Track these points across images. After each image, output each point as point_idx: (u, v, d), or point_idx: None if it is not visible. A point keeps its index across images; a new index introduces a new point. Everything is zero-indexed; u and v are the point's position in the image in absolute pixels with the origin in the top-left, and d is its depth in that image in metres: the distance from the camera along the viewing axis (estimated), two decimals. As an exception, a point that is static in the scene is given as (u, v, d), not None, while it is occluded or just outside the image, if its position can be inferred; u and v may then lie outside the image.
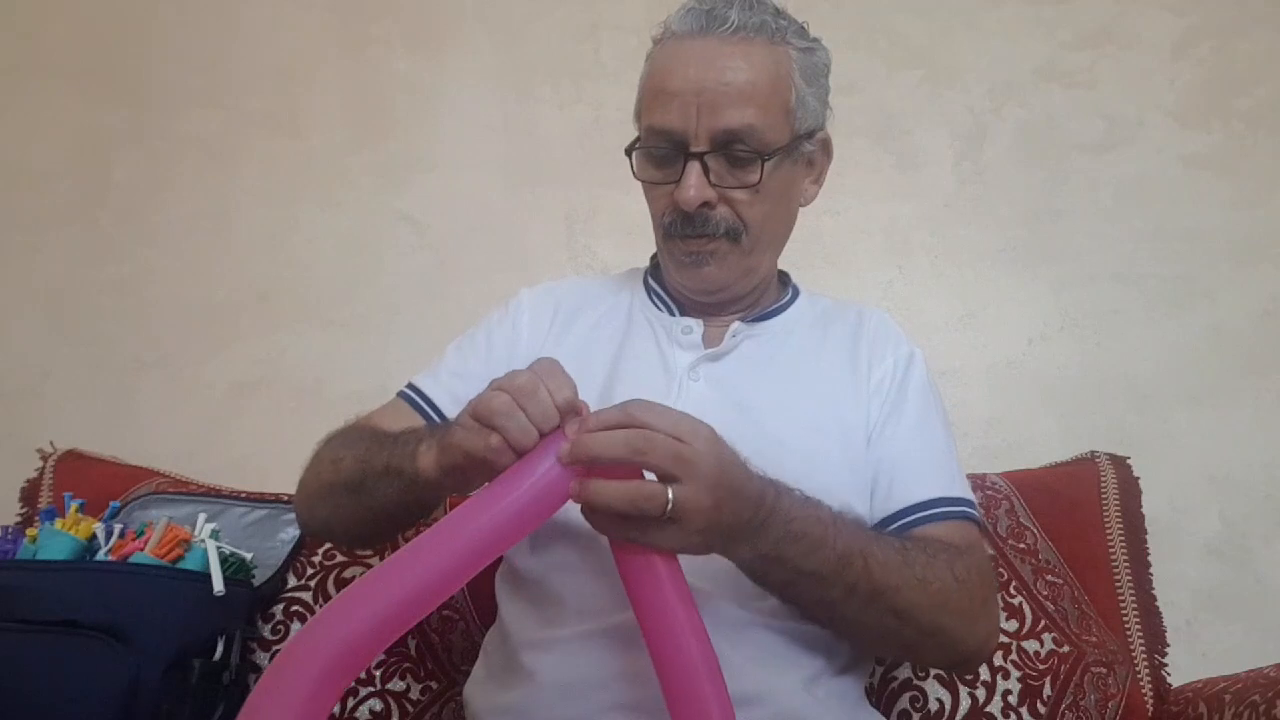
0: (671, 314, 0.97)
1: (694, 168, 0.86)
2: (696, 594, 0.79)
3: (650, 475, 0.66)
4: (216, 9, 1.67)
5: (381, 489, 0.80)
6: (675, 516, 0.64)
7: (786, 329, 0.97)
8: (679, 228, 0.89)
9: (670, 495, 0.64)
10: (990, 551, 1.11)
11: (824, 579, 0.73)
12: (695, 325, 0.94)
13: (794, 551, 0.71)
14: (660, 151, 0.89)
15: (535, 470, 0.66)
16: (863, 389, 0.92)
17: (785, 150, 0.89)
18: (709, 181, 0.86)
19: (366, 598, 0.61)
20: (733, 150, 0.86)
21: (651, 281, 1.01)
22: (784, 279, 1.04)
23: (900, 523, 0.85)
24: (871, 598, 0.75)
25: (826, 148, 0.97)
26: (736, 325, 0.94)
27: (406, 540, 0.75)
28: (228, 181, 1.61)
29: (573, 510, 0.83)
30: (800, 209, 0.98)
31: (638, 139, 0.92)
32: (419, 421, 0.92)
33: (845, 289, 1.47)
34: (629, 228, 1.54)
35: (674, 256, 0.92)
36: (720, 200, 0.88)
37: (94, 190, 1.60)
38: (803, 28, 0.92)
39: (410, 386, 0.97)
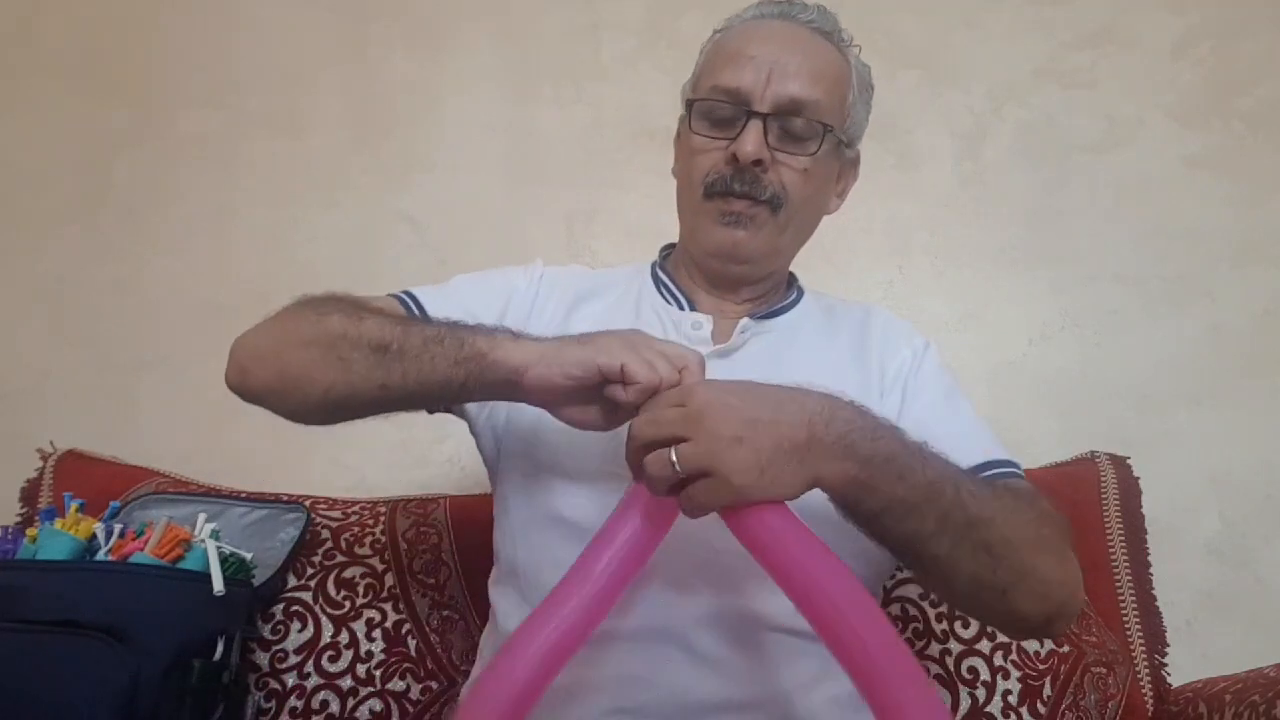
0: (681, 308, 0.97)
1: (755, 125, 0.88)
2: (699, 595, 0.79)
3: None
4: (217, 9, 1.67)
5: (427, 355, 0.75)
6: (700, 469, 0.64)
7: (793, 327, 0.97)
8: (726, 184, 0.89)
9: (673, 455, 0.64)
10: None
11: (916, 507, 0.69)
12: (705, 321, 0.94)
13: (884, 474, 0.68)
14: (721, 110, 0.90)
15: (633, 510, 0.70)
16: (873, 386, 0.92)
17: (836, 140, 0.92)
18: (767, 143, 0.88)
19: (535, 639, 0.65)
20: (792, 122, 0.89)
21: (660, 274, 1.01)
22: (790, 278, 1.04)
23: None
24: (965, 531, 0.71)
25: (855, 164, 1.00)
26: (745, 322, 0.94)
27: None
28: (228, 181, 1.61)
29: (560, 503, 0.84)
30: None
31: (689, 102, 0.94)
32: None
33: (845, 289, 1.47)
34: (629, 228, 1.54)
35: (710, 216, 0.92)
36: (773, 163, 0.89)
37: (94, 190, 1.60)
38: (858, 48, 0.96)
39: (409, 295, 0.94)
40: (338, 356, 0.78)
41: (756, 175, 0.89)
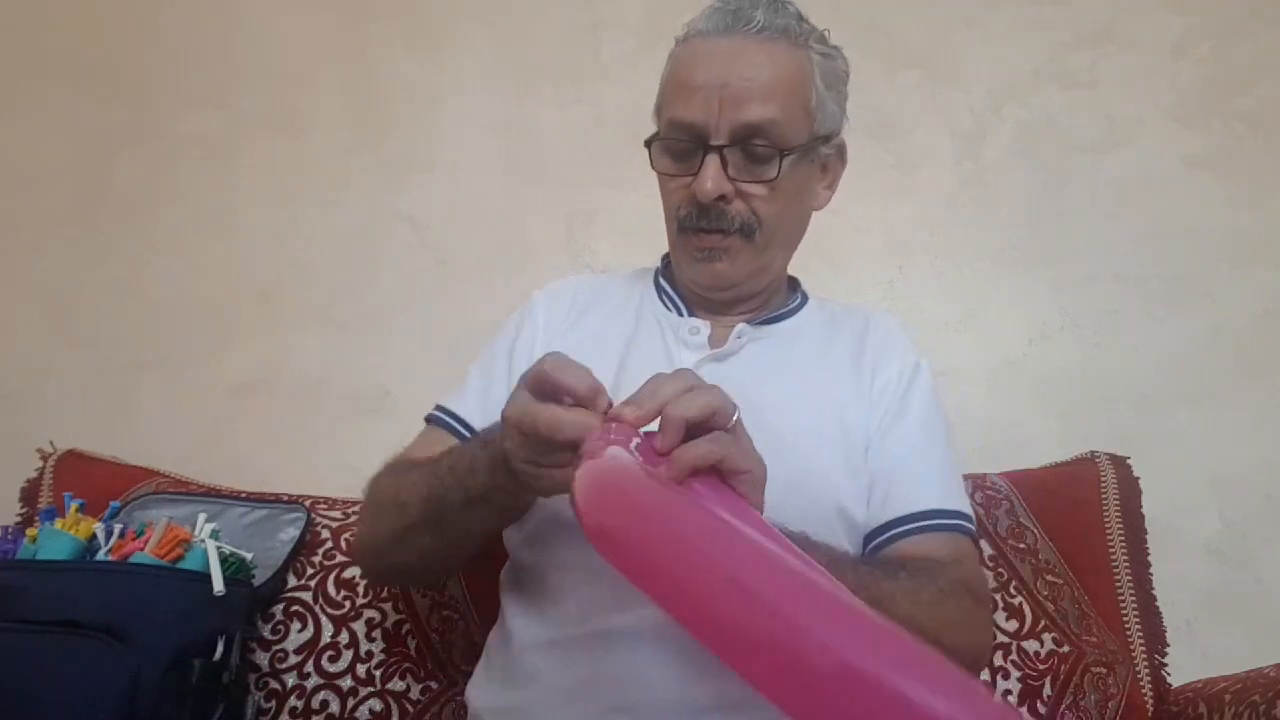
0: (679, 314, 0.97)
1: (713, 160, 0.86)
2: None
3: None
4: (217, 9, 1.67)
5: (463, 522, 0.81)
6: (736, 429, 0.66)
7: (794, 333, 0.97)
8: (694, 221, 0.90)
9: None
10: (987, 559, 1.11)
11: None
12: (702, 326, 0.94)
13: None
14: (680, 145, 0.89)
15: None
16: (865, 394, 0.92)
17: (803, 150, 0.89)
18: (727, 175, 0.87)
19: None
20: (752, 145, 0.87)
21: (661, 280, 1.01)
22: (793, 284, 1.04)
23: (892, 532, 0.85)
24: (869, 606, 0.73)
25: (841, 154, 0.98)
26: (741, 327, 0.94)
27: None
28: (228, 181, 1.61)
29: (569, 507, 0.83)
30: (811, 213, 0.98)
31: (656, 134, 0.93)
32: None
33: (845, 289, 1.47)
34: (629, 228, 1.54)
35: (686, 251, 0.92)
36: (736, 195, 0.88)
37: (94, 190, 1.60)
38: (823, 34, 0.92)
39: (439, 409, 0.97)
40: (411, 545, 0.86)
41: (722, 210, 0.88)
